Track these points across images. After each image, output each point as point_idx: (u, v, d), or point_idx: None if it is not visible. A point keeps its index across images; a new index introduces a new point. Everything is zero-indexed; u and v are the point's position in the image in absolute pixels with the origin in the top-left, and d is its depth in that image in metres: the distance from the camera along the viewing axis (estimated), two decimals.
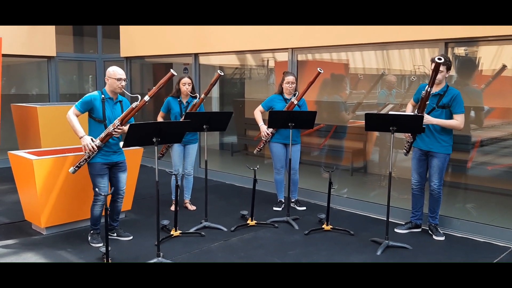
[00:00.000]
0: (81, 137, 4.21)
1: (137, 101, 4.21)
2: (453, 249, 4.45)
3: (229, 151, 8.84)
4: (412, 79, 5.93)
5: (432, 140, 4.61)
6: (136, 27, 8.35)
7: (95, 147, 4.19)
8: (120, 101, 4.46)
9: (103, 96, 4.33)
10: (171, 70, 4.17)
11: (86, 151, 4.22)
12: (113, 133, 4.23)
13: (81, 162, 4.31)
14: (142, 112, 9.01)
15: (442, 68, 4.37)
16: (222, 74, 5.30)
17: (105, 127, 4.28)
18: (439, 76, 4.38)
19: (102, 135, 4.24)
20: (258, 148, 5.63)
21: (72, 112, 4.25)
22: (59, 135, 6.46)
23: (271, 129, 5.42)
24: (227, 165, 8.31)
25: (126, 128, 4.28)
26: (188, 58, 7.79)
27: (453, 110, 4.53)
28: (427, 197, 4.87)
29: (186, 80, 5.34)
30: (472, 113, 5.34)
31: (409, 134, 4.69)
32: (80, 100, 4.30)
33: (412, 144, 4.76)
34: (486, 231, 4.73)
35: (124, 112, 4.27)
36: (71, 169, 4.37)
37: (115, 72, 4.31)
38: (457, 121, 4.52)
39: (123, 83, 4.33)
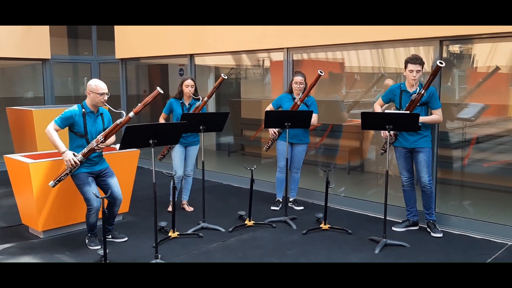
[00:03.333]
0: (62, 153, 4.15)
1: (121, 118, 4.16)
2: (450, 247, 4.46)
3: (226, 152, 8.84)
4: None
5: (416, 137, 4.72)
6: (131, 29, 8.34)
7: (77, 162, 4.15)
8: (101, 114, 4.40)
9: (83, 110, 4.26)
10: (158, 88, 4.14)
11: (68, 167, 4.17)
12: (96, 148, 4.19)
13: (61, 176, 4.25)
14: (139, 114, 9.00)
15: (419, 67, 4.57)
16: (226, 77, 5.30)
17: (87, 141, 4.23)
18: (416, 76, 4.57)
19: (85, 150, 4.18)
20: (267, 146, 5.64)
21: (52, 128, 4.17)
22: None
23: (278, 128, 5.42)
24: (224, 166, 8.30)
25: (108, 142, 4.28)
26: (184, 59, 7.78)
27: (432, 106, 4.70)
28: (419, 193, 4.89)
29: (189, 82, 5.33)
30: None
31: (390, 134, 4.72)
32: (60, 115, 4.21)
33: (392, 143, 4.81)
34: (483, 228, 4.75)
35: (108, 128, 4.23)
36: (51, 182, 4.29)
37: (98, 86, 4.22)
38: (437, 115, 4.70)
39: (106, 97, 4.26)
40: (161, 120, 5.45)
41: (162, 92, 4.15)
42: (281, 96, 5.62)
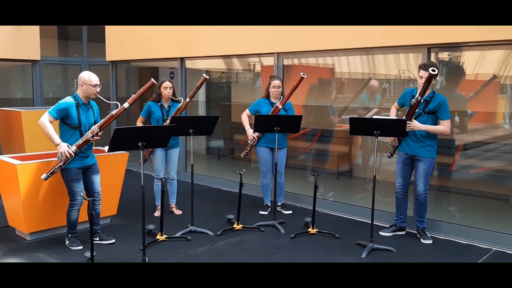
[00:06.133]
0: (57, 145, 4.15)
1: (116, 108, 4.20)
2: (436, 252, 4.50)
3: (215, 155, 8.83)
4: (384, 85, 6.03)
5: (418, 145, 4.65)
6: (122, 31, 8.32)
7: (72, 153, 4.16)
8: (91, 106, 4.43)
9: (76, 102, 4.28)
10: (152, 79, 4.17)
11: (62, 159, 4.18)
12: (91, 140, 4.21)
13: (55, 169, 4.26)
14: (128, 116, 8.97)
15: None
16: (208, 77, 5.30)
17: (80, 133, 4.25)
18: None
19: (80, 142, 4.20)
20: (245, 152, 5.65)
21: (46, 119, 4.15)
22: (43, 140, 6.36)
23: (257, 133, 5.45)
24: (214, 169, 8.30)
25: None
26: (174, 62, 7.78)
27: (440, 116, 4.56)
28: (411, 200, 4.92)
29: (167, 84, 5.32)
30: (457, 118, 5.42)
31: (394, 138, 4.74)
32: (55, 106, 4.20)
33: (397, 147, 4.81)
34: (469, 234, 4.80)
35: (103, 119, 4.24)
36: (44, 175, 4.31)
37: (91, 78, 4.27)
38: (444, 126, 4.55)
39: (98, 89, 4.30)
40: (139, 124, 5.40)
41: (156, 83, 4.19)
42: (258, 101, 5.63)
